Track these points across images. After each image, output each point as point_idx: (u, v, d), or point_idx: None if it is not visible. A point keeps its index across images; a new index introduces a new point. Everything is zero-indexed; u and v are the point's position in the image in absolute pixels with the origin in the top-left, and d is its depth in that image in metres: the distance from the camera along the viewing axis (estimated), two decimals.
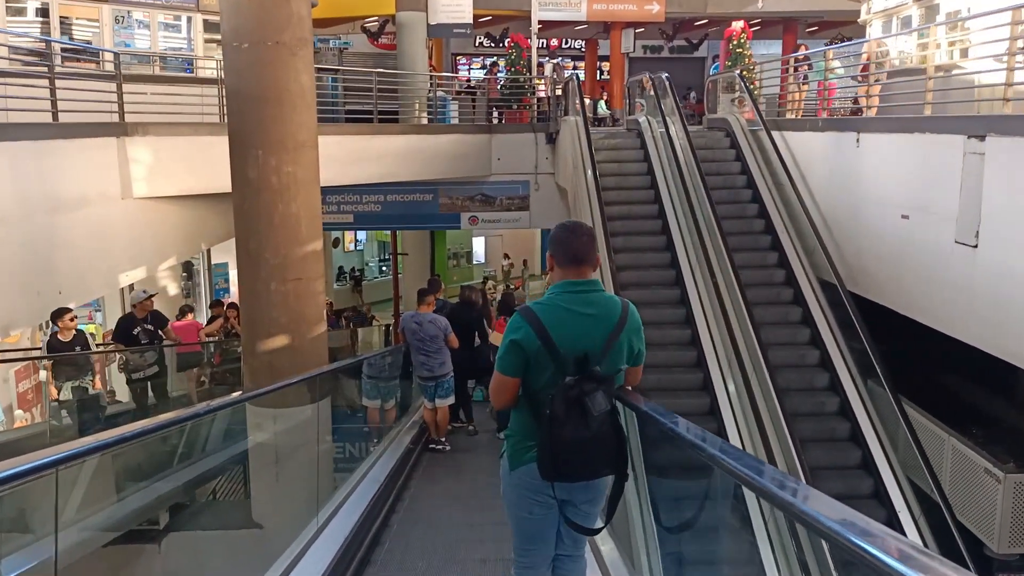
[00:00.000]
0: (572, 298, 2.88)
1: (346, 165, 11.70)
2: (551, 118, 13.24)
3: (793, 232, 9.17)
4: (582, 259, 2.94)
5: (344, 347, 17.41)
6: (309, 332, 6.53)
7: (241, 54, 6.18)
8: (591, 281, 2.97)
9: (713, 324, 8.07)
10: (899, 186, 7.49)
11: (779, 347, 7.85)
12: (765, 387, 7.18)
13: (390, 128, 12.30)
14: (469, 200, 13.94)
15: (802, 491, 1.93)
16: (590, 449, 2.78)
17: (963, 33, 6.80)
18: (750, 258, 8.77)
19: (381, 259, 26.26)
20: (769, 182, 9.92)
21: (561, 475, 2.83)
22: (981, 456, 6.62)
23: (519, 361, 2.83)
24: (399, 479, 7.08)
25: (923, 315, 7.06)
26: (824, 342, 8.00)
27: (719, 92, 12.65)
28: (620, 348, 2.90)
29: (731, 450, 2.38)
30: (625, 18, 20.89)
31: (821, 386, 7.77)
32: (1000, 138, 5.90)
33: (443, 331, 8.07)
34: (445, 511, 6.47)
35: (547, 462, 2.79)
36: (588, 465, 2.87)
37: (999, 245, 5.96)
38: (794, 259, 8.89)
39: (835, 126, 8.99)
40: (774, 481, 2.03)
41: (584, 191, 9.62)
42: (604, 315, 2.89)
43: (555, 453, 2.76)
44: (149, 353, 9.42)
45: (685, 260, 8.87)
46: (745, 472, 2.14)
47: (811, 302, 8.38)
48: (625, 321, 2.91)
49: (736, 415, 7.33)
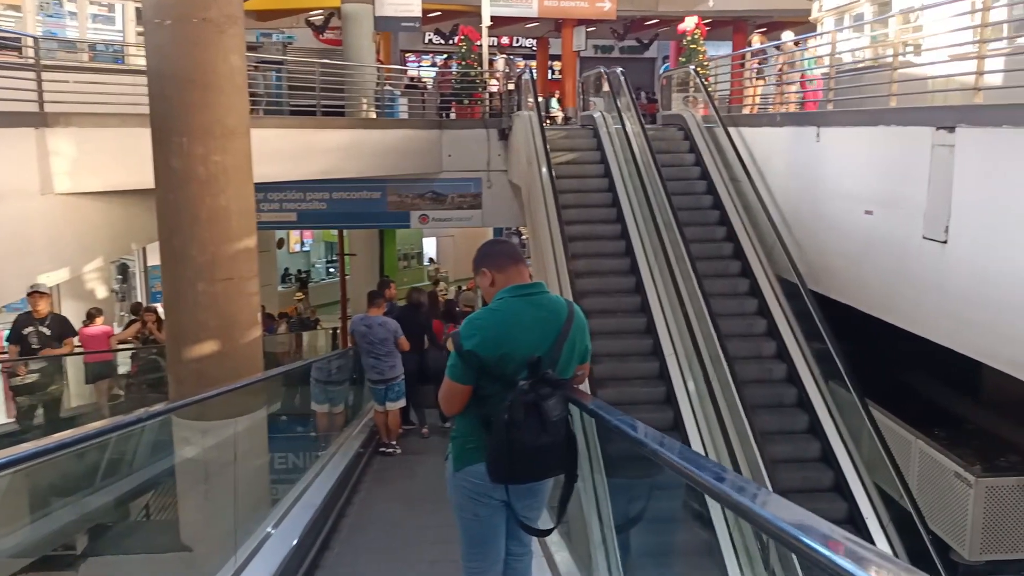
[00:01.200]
0: (521, 302, 2.90)
1: (288, 160, 11.12)
2: (504, 114, 12.82)
3: (752, 230, 8.93)
4: (519, 257, 3.04)
5: (288, 352, 16.82)
6: (242, 337, 6.00)
7: (163, 32, 5.63)
8: (537, 284, 3.00)
9: (675, 329, 7.77)
10: (863, 181, 7.25)
11: (738, 340, 7.61)
12: (728, 393, 6.87)
13: (335, 122, 11.75)
14: (419, 198, 13.45)
15: (749, 489, 1.88)
16: (545, 452, 2.80)
17: (933, 20, 6.58)
18: (708, 256, 8.48)
19: (328, 260, 25.53)
20: (726, 179, 9.68)
21: (513, 478, 2.86)
22: (950, 459, 6.40)
23: (472, 368, 2.82)
24: (349, 483, 6.94)
25: (889, 314, 6.82)
26: (785, 343, 7.77)
27: (673, 88, 12.39)
28: (571, 349, 2.94)
29: (672, 444, 2.35)
30: (576, 15, 20.62)
31: (779, 378, 7.61)
32: (971, 129, 5.66)
33: (393, 334, 7.97)
34: (396, 514, 6.37)
35: (501, 466, 2.81)
36: (541, 468, 2.92)
37: (971, 240, 5.73)
38: (753, 258, 8.64)
39: (794, 121, 8.75)
40: (713, 474, 1.99)
41: (539, 188, 9.23)
42: (553, 317, 2.92)
43: (512, 458, 2.77)
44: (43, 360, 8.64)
45: (644, 261, 8.56)
46: (686, 466, 2.11)
47: (772, 304, 8.13)
48: (572, 321, 2.95)
49: (697, 417, 7.05)
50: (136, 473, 7.15)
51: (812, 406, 7.25)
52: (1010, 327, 5.34)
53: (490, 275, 3.00)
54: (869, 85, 7.81)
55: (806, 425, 7.24)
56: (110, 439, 6.07)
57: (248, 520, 5.29)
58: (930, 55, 6.85)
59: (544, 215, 8.81)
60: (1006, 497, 6.09)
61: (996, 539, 6.11)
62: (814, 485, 6.72)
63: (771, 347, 7.85)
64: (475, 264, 3.07)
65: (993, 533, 6.10)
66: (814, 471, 6.85)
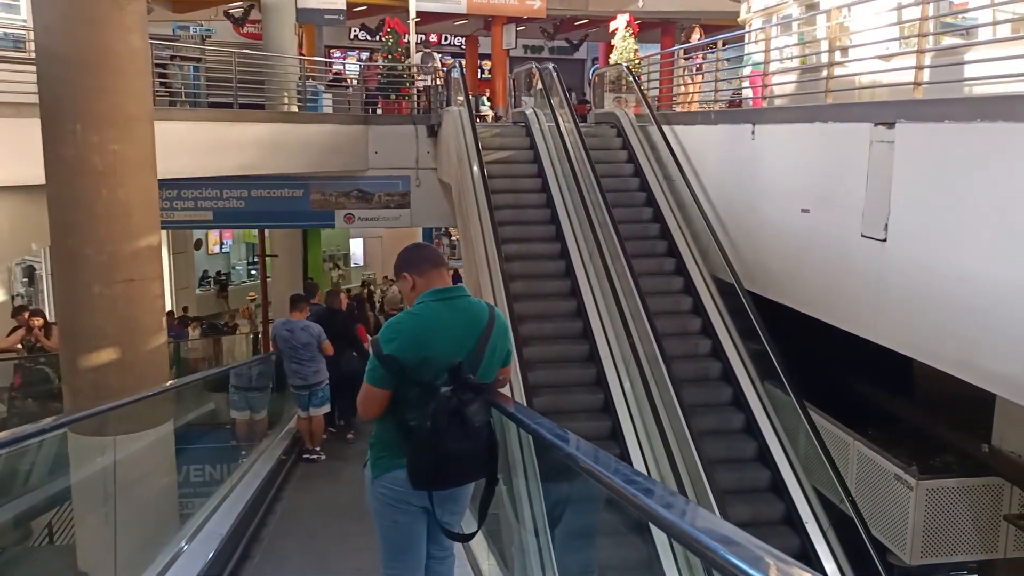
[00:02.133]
0: (443, 306, 2.90)
1: (202, 155, 10.50)
2: (433, 110, 12.42)
3: (686, 229, 8.78)
4: (440, 260, 3.06)
5: (206, 358, 16.09)
6: (144, 343, 5.48)
7: (55, 7, 5.08)
8: (459, 287, 3.02)
9: (611, 330, 7.54)
10: (799, 179, 7.12)
11: (674, 339, 7.43)
12: (666, 393, 6.66)
13: (253, 115, 11.15)
14: (344, 196, 12.92)
15: (656, 490, 1.88)
16: (467, 458, 2.81)
17: (872, 14, 6.48)
18: (643, 254, 8.27)
19: (249, 262, 24.63)
20: (660, 177, 9.51)
21: (435, 485, 2.86)
22: (890, 461, 6.30)
23: (392, 373, 2.80)
24: (270, 491, 6.82)
25: (828, 314, 6.70)
26: (721, 342, 7.63)
27: (606, 87, 12.20)
28: (492, 352, 2.95)
29: (588, 448, 2.35)
30: (506, 12, 20.38)
31: (715, 376, 7.44)
32: (911, 124, 5.54)
33: (316, 338, 7.88)
34: (319, 522, 6.30)
35: (422, 473, 2.79)
36: (463, 473, 2.93)
37: (911, 238, 5.61)
38: (688, 257, 8.48)
39: (729, 118, 8.62)
40: (622, 476, 1.98)
41: (470, 186, 8.89)
42: (474, 321, 2.93)
43: (434, 465, 2.76)
44: None
45: (579, 260, 8.30)
46: (599, 470, 2.13)
47: (707, 303, 7.98)
48: (493, 325, 2.96)
49: (635, 418, 6.82)
50: (29, 495, 6.54)
51: (748, 405, 7.11)
52: (953, 327, 5.24)
53: (411, 279, 2.99)
54: (806, 81, 7.71)
55: (742, 424, 7.09)
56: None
57: (156, 539, 5.08)
58: (866, 51, 6.77)
59: (476, 214, 8.48)
60: (946, 499, 6.01)
61: (936, 542, 6.04)
62: (752, 485, 6.57)
63: (706, 345, 7.70)
64: (396, 268, 3.06)
65: (933, 536, 6.02)
66: (751, 471, 6.70)
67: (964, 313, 5.14)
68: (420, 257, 3.06)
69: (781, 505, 6.32)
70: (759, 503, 6.33)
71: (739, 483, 6.45)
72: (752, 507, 6.26)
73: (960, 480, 6.06)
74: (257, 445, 8.16)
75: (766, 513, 6.25)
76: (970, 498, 6.07)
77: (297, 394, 8.08)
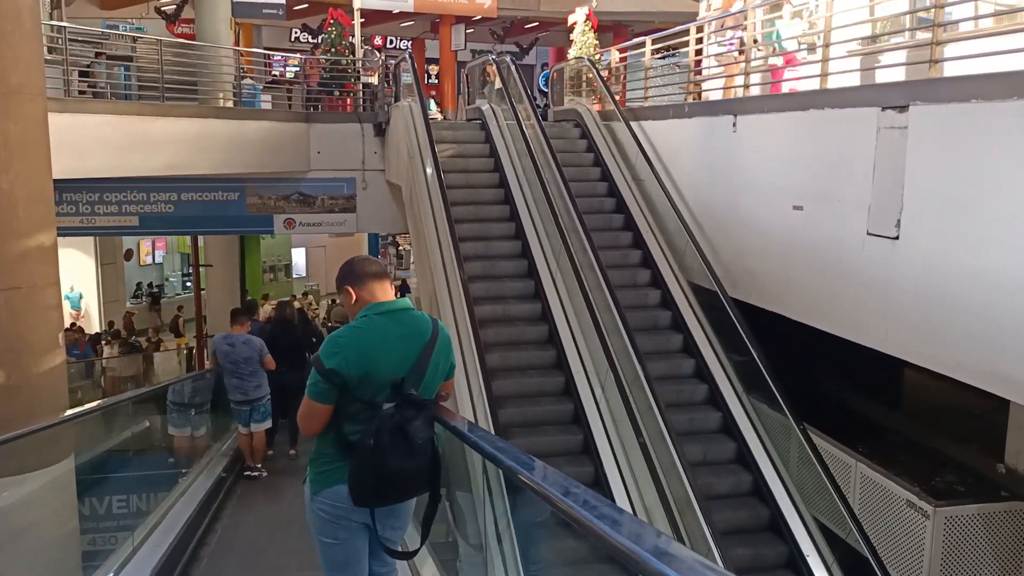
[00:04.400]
0: (385, 320, 2.88)
1: (125, 152, 9.47)
2: (380, 106, 11.55)
3: (660, 233, 8.10)
4: (382, 273, 3.01)
5: (135, 376, 14.92)
6: (36, 364, 4.51)
7: None
8: (401, 300, 2.99)
9: (583, 343, 6.82)
10: (790, 173, 6.49)
11: (654, 359, 6.69)
12: (651, 419, 5.93)
13: (182, 109, 10.13)
14: (284, 200, 11.93)
15: (599, 505, 1.77)
16: (410, 475, 2.79)
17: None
18: (615, 265, 7.54)
19: (184, 273, 23.31)
20: (629, 178, 8.83)
21: (377, 501, 2.85)
22: (901, 486, 5.64)
23: (334, 388, 2.77)
24: (210, 510, 6.75)
25: (825, 321, 6.05)
26: (702, 352, 6.97)
27: (566, 83, 11.52)
28: (435, 367, 2.92)
29: (528, 462, 2.35)
30: (455, 11, 19.66)
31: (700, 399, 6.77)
32: (928, 106, 4.92)
33: (258, 352, 7.73)
34: (261, 539, 6.33)
35: (364, 490, 2.78)
36: (406, 490, 2.91)
37: (927, 235, 4.99)
38: (663, 263, 7.81)
39: (705, 110, 7.97)
40: (560, 488, 1.96)
41: (423, 185, 8.07)
42: (417, 335, 2.91)
43: (376, 482, 2.75)
44: None
45: (544, 266, 7.59)
46: (543, 486, 2.10)
47: (686, 313, 7.31)
48: (436, 338, 2.93)
49: (614, 445, 6.10)
50: None
51: (740, 431, 6.43)
52: (978, 334, 4.61)
53: (353, 293, 2.94)
54: (809, 63, 7.08)
55: (733, 453, 6.41)
56: None
57: None
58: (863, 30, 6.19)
59: (431, 216, 7.68)
60: (966, 528, 5.37)
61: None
62: (751, 523, 5.86)
63: (690, 365, 7.01)
64: (338, 282, 3.01)
65: (952, 571, 5.36)
66: (747, 508, 5.99)
67: (991, 319, 4.52)
68: (362, 270, 2.98)
69: (784, 548, 5.62)
70: (759, 544, 5.62)
71: (736, 522, 5.74)
72: (752, 548, 5.56)
73: (980, 506, 5.43)
74: (196, 463, 8.02)
75: (767, 558, 5.56)
76: (991, 526, 5.45)
77: (238, 410, 7.89)
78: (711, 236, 7.64)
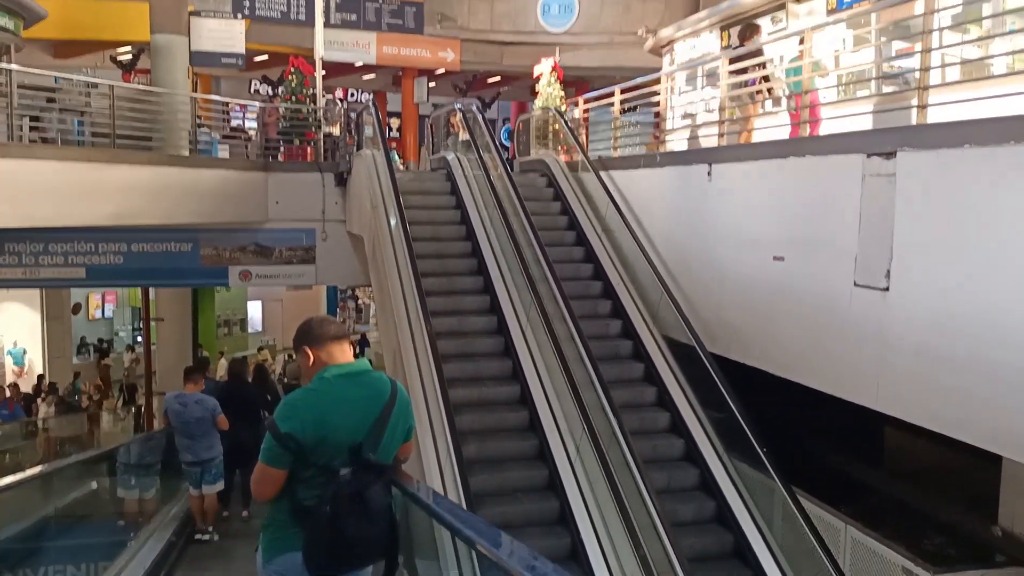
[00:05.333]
0: (343, 382, 2.83)
1: (73, 200, 8.98)
2: (342, 155, 11.24)
3: (633, 288, 7.85)
4: (342, 334, 2.96)
5: (78, 436, 14.17)
6: None
7: None
8: (360, 362, 2.94)
9: (554, 396, 6.47)
10: (769, 222, 6.30)
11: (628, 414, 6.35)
12: (627, 476, 5.58)
13: (135, 156, 9.69)
14: (240, 251, 11.47)
15: None
16: (367, 541, 2.75)
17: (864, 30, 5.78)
18: (586, 316, 7.23)
19: (135, 328, 22.46)
20: (599, 229, 8.60)
21: (332, 569, 2.78)
22: (896, 551, 5.33)
23: (289, 452, 2.70)
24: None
25: (811, 377, 5.80)
26: (686, 423, 6.64)
27: (532, 134, 11.36)
28: (394, 429, 2.87)
29: (491, 533, 2.28)
30: (418, 64, 19.60)
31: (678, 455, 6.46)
32: (917, 153, 4.76)
33: (211, 412, 7.54)
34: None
35: (320, 557, 2.71)
36: (362, 557, 2.85)
37: (920, 286, 4.79)
38: (636, 317, 7.55)
39: (678, 159, 7.82)
40: (524, 564, 1.97)
41: (387, 236, 7.74)
42: (375, 396, 2.86)
43: (332, 550, 2.69)
44: None
45: (512, 316, 7.27)
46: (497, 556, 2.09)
47: (662, 369, 7.02)
48: (395, 400, 2.88)
49: (590, 507, 5.71)
50: None
51: (720, 490, 6.09)
52: (980, 391, 4.38)
53: (311, 354, 2.89)
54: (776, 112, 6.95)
55: (713, 512, 6.06)
56: None
57: None
58: None
59: (395, 268, 7.34)
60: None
61: None
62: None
63: (665, 419, 6.71)
64: (296, 342, 2.96)
65: None
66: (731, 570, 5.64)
67: (994, 374, 4.29)
68: (320, 331, 2.93)
69: None
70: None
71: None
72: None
73: (980, 573, 5.13)
74: (145, 527, 7.86)
75: None
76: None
77: (189, 471, 7.68)
78: (687, 289, 7.41)
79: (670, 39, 14.25)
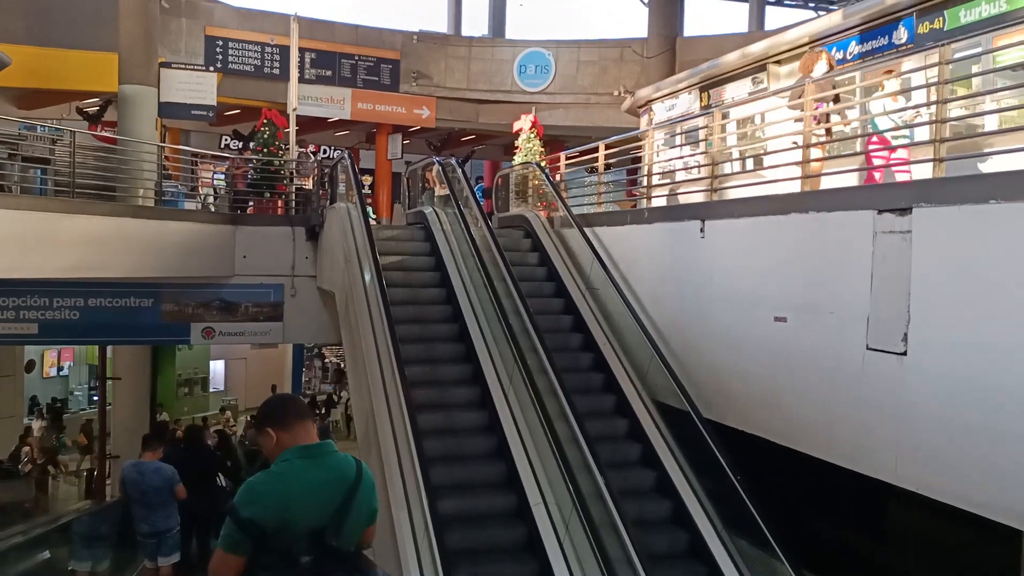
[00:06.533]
0: (306, 464, 2.75)
1: (26, 251, 8.46)
2: (314, 208, 10.84)
3: (621, 351, 7.43)
4: (305, 414, 2.90)
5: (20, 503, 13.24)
6: None
7: None
8: (325, 443, 2.86)
9: (539, 465, 5.98)
10: (768, 282, 5.97)
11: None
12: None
13: (93, 207, 9.18)
14: (203, 307, 10.92)
15: None
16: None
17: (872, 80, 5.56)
18: (574, 386, 6.75)
19: (91, 387, 21.54)
20: (583, 288, 8.24)
21: None
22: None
23: (250, 539, 2.62)
24: None
25: (818, 448, 5.41)
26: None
27: (511, 189, 11.08)
28: (358, 513, 2.77)
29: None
30: (393, 120, 19.44)
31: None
32: (936, 208, 4.48)
33: (169, 482, 7.39)
34: None
35: None
36: None
37: (942, 351, 4.45)
38: (625, 382, 7.12)
39: (669, 215, 7.52)
40: None
41: (361, 292, 7.28)
42: (339, 479, 2.79)
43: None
44: None
45: (494, 377, 6.80)
46: None
47: (659, 446, 6.55)
48: (360, 482, 2.80)
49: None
50: None
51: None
52: (1012, 465, 4.01)
53: (274, 435, 2.81)
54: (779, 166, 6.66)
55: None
56: None
57: None
58: None
59: (369, 325, 6.85)
60: None
61: None
62: None
63: (667, 507, 6.19)
64: (258, 423, 2.92)
65: None
66: None
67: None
68: (284, 410, 2.89)
69: None
70: None
71: None
72: None
73: None
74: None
75: None
76: None
77: (144, 542, 7.51)
78: (678, 351, 7.03)
79: (648, 99, 14.24)
